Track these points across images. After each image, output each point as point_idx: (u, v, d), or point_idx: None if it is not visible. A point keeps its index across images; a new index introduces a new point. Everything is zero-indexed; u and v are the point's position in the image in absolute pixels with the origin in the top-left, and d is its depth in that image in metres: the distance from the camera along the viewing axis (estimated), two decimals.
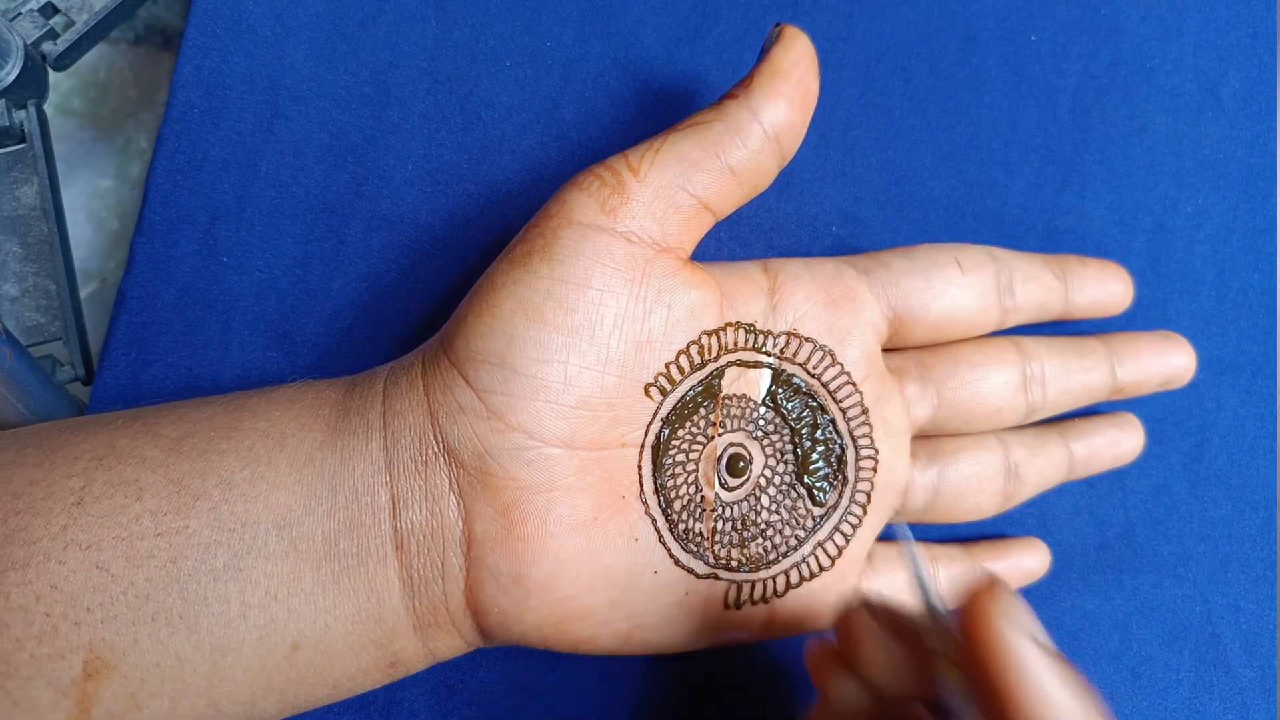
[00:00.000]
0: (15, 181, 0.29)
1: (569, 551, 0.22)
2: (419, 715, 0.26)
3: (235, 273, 0.28)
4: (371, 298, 0.28)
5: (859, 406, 0.26)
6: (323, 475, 0.22)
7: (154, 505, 0.21)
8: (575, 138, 0.30)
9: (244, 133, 0.28)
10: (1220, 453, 0.31)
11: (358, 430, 0.22)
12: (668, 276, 0.23)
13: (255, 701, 0.21)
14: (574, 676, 0.27)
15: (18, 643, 0.19)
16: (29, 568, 0.19)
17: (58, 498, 0.20)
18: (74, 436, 0.22)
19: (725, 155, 0.23)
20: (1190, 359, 0.29)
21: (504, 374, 0.22)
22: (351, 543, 0.21)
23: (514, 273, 0.23)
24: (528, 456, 0.22)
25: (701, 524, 0.24)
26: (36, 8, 0.30)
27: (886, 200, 0.30)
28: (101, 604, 0.20)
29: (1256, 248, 0.32)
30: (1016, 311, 0.28)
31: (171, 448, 0.21)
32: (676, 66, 0.30)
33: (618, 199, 0.23)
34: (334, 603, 0.21)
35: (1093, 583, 0.30)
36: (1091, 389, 0.28)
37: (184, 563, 0.20)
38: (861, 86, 0.31)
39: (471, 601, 0.22)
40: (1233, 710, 0.29)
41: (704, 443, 0.24)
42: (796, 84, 0.23)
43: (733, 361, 0.25)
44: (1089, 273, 0.29)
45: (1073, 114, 0.32)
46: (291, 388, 0.24)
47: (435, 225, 0.29)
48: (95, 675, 0.20)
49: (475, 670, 0.27)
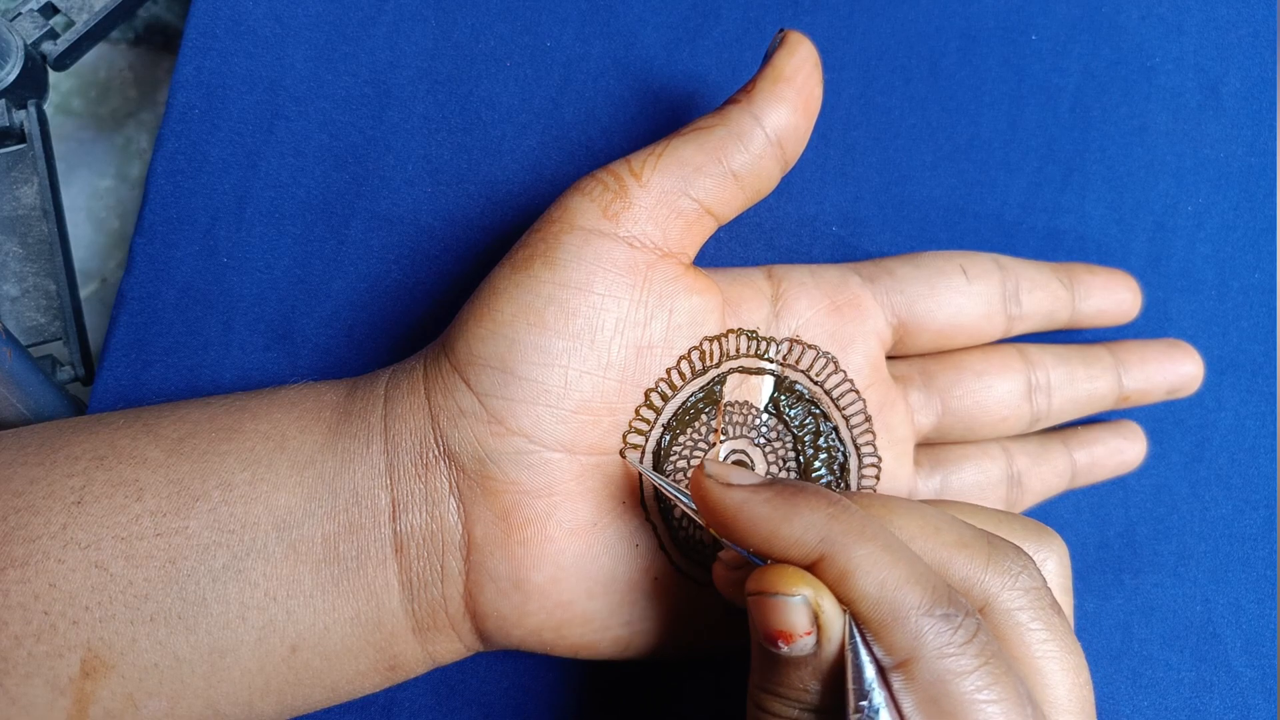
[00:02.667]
0: (15, 181, 0.29)
1: (568, 557, 0.22)
2: (420, 716, 0.26)
3: (235, 273, 0.28)
4: (371, 298, 0.28)
5: (862, 414, 0.25)
6: (323, 478, 0.22)
7: (154, 505, 0.21)
8: (575, 138, 0.30)
9: (244, 133, 0.28)
10: (1221, 452, 0.31)
11: (358, 433, 0.22)
12: (670, 282, 0.23)
13: (253, 703, 0.21)
14: (575, 677, 0.27)
15: (16, 640, 0.19)
16: (28, 565, 0.20)
17: (58, 497, 0.20)
18: (75, 436, 0.22)
19: (728, 160, 0.23)
20: (1198, 368, 0.29)
21: (505, 378, 0.22)
22: (351, 545, 0.22)
23: (515, 277, 0.23)
24: (528, 461, 0.22)
25: (703, 533, 0.24)
26: (36, 8, 0.30)
27: (887, 200, 0.30)
28: (100, 603, 0.20)
29: (1257, 246, 0.32)
30: (1022, 320, 0.28)
31: (172, 449, 0.21)
32: (676, 66, 0.30)
33: (620, 204, 0.23)
34: (333, 605, 0.21)
35: (1093, 583, 0.30)
36: (1097, 397, 0.28)
37: (183, 563, 0.20)
38: (861, 86, 0.31)
39: (471, 605, 0.22)
40: (1233, 710, 0.29)
41: (705, 449, 0.24)
42: (799, 89, 0.23)
43: (735, 368, 0.25)
44: (1096, 281, 0.29)
45: (1073, 113, 0.32)
46: (292, 390, 0.24)
47: (435, 226, 0.29)
48: (93, 674, 0.20)
49: (476, 670, 0.27)
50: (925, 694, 0.18)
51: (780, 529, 0.19)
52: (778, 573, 0.19)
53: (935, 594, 0.18)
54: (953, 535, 0.20)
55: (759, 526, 0.19)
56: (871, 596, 0.18)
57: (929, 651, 0.18)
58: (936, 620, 0.18)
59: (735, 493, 0.20)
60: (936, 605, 0.18)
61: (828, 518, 0.19)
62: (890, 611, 0.18)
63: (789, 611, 0.18)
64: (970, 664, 0.18)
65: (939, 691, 0.18)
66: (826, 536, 0.18)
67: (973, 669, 0.18)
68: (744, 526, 0.19)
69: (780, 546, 0.19)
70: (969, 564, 0.20)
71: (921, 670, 0.18)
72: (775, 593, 0.18)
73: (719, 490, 0.20)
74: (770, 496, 0.19)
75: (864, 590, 0.18)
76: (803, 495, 0.19)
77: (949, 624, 0.18)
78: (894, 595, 0.18)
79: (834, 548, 0.18)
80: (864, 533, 0.19)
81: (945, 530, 0.20)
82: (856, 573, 0.18)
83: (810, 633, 0.18)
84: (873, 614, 0.18)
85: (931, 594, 0.18)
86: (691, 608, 0.24)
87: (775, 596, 0.18)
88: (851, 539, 0.18)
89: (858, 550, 0.18)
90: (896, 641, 0.18)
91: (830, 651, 0.18)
